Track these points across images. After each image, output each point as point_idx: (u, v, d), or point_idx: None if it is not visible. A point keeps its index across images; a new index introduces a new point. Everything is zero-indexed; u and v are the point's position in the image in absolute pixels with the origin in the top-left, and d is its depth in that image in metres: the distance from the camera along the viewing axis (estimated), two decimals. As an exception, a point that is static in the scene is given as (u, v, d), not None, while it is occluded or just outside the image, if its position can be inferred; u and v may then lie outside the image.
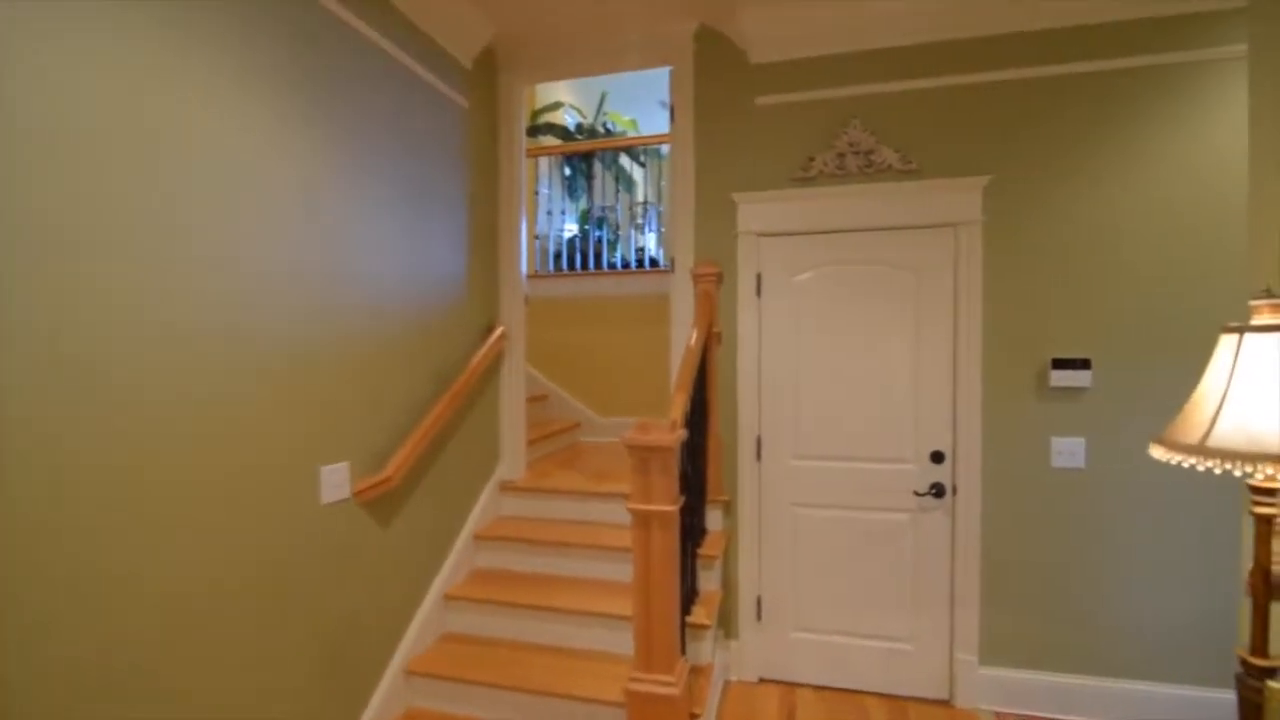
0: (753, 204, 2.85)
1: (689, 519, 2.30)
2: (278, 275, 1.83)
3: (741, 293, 2.87)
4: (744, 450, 2.88)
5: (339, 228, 2.06)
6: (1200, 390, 1.10)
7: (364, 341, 2.18)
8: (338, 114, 2.05)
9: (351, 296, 2.12)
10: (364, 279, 2.18)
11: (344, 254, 2.08)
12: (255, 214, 1.77)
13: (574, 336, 4.57)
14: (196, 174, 1.62)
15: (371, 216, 2.22)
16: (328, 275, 2.00)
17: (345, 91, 2.08)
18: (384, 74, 2.28)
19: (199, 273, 1.61)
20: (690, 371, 2.34)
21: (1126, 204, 2.54)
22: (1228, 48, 2.44)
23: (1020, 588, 2.66)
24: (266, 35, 1.79)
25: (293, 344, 1.88)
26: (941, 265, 2.71)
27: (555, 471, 3.42)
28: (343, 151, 2.07)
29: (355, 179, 2.13)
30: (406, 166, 2.42)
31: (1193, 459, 1.01)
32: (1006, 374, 2.65)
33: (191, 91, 1.60)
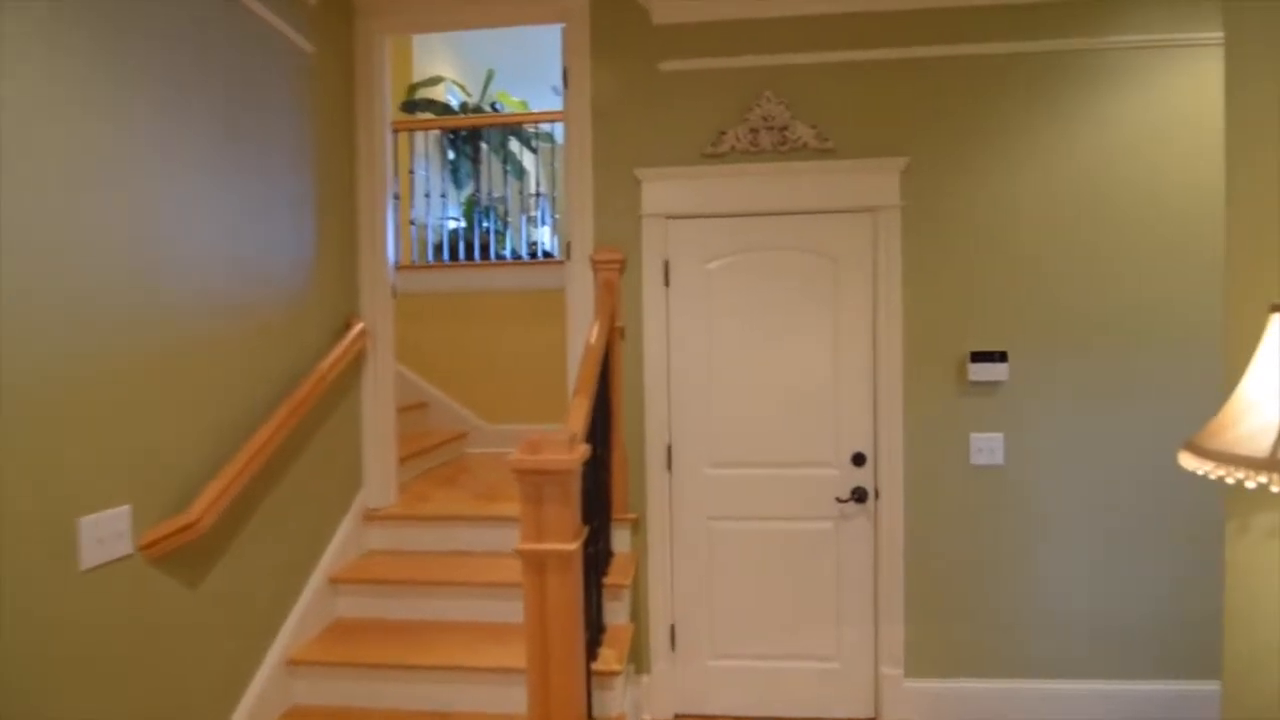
0: (659, 182, 2.52)
1: (593, 547, 1.93)
2: (42, 257, 1.26)
3: (647, 282, 2.54)
4: (653, 460, 2.55)
5: (121, 195, 1.50)
6: (1245, 386, 0.88)
7: (167, 341, 1.62)
8: (127, 45, 1.49)
9: (148, 283, 1.56)
10: (167, 262, 1.62)
11: (134, 229, 1.52)
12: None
13: (459, 335, 4.07)
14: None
15: (179, 179, 1.67)
16: (110, 258, 1.44)
17: (142, 16, 1.52)
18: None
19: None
20: (591, 372, 1.97)
21: (1041, 191, 2.46)
22: (1142, 35, 2.41)
23: (945, 594, 2.52)
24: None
25: (49, 348, 1.32)
26: (860, 253, 2.51)
27: (435, 492, 2.93)
28: (136, 91, 1.51)
29: (157, 131, 1.57)
30: (227, 117, 1.88)
31: (1262, 476, 0.77)
32: (927, 368, 2.50)
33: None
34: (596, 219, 2.56)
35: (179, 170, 1.71)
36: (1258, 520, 1.20)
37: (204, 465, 1.77)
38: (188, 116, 1.74)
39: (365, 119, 2.62)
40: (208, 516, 1.66)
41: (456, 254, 4.33)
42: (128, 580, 1.54)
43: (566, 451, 1.44)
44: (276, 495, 2.09)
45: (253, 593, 1.97)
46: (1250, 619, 1.24)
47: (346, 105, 2.58)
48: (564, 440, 1.45)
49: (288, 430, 2.02)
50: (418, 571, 2.38)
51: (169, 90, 1.67)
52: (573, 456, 1.44)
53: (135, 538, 1.55)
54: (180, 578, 1.69)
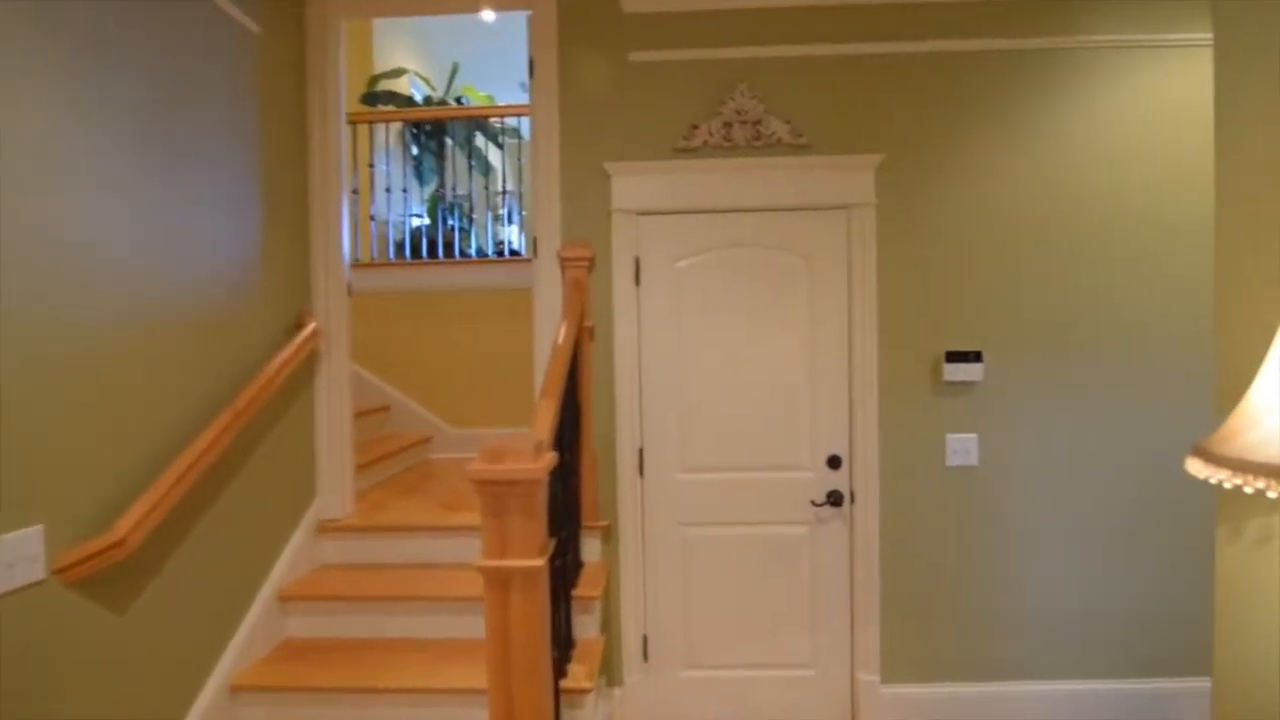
0: (630, 176, 2.43)
1: (561, 559, 1.83)
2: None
3: (618, 280, 2.45)
4: (624, 465, 2.46)
5: (36, 184, 1.35)
6: (1256, 392, 0.82)
7: (89, 342, 1.47)
8: (37, 11, 1.34)
9: (71, 279, 1.41)
10: (89, 257, 1.47)
11: (52, 223, 1.37)
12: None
13: (423, 336, 3.92)
14: None
15: (105, 166, 1.51)
16: (19, 252, 1.29)
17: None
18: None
19: None
20: (559, 374, 1.87)
21: (1015, 190, 2.44)
22: (1113, 35, 2.41)
23: (921, 598, 2.48)
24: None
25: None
26: (835, 251, 2.46)
27: (395, 501, 2.79)
28: (49, 63, 1.36)
29: (78, 114, 1.42)
30: (163, 100, 1.72)
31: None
32: (902, 369, 2.46)
33: None
34: (564, 214, 2.46)
35: (104, 156, 1.56)
36: (1250, 526, 1.16)
37: (134, 479, 1.62)
38: (115, 97, 1.59)
39: (319, 107, 2.47)
40: (136, 535, 1.51)
41: (419, 252, 4.18)
42: (41, 607, 1.38)
43: (531, 460, 1.34)
44: (219, 508, 1.93)
45: (192, 614, 1.82)
46: (1241, 625, 1.20)
47: (298, 92, 2.43)
48: (528, 447, 1.35)
49: (230, 438, 1.87)
50: (375, 586, 2.24)
51: (90, 65, 1.52)
52: (538, 465, 1.34)
53: (50, 561, 1.40)
54: (106, 602, 1.54)
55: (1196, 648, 2.46)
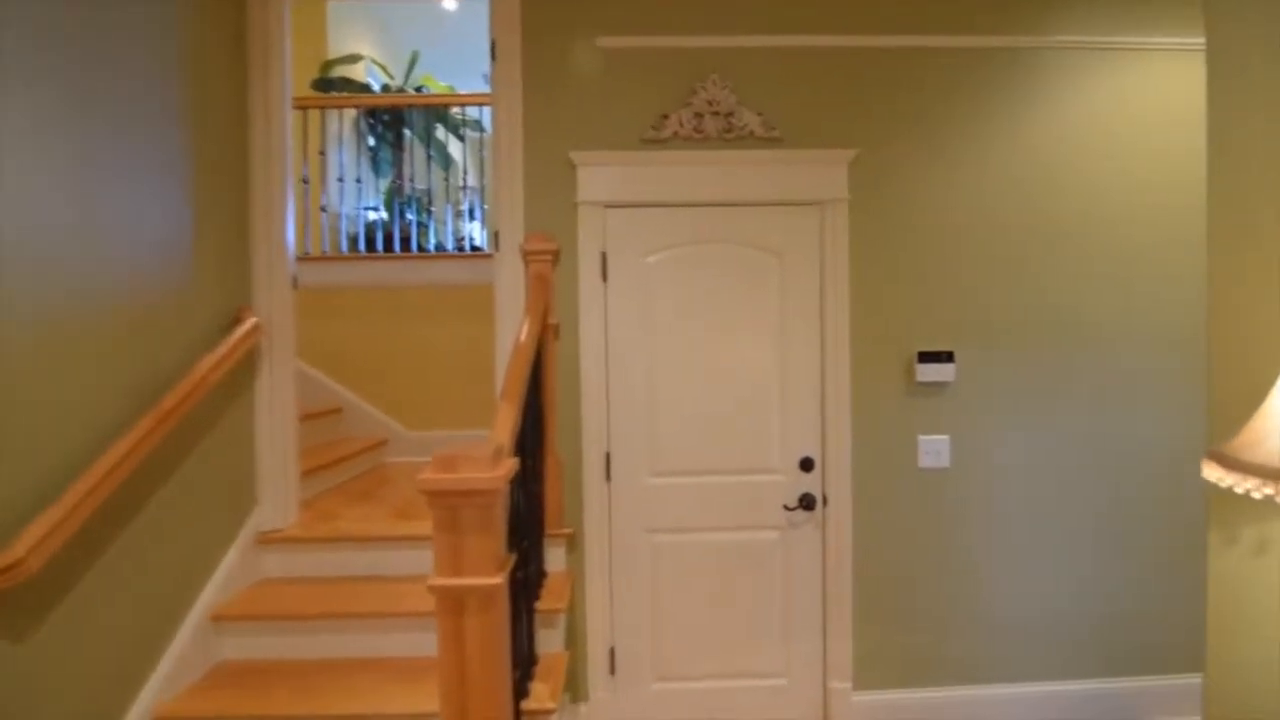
0: (596, 167, 2.32)
1: (523, 571, 1.71)
2: None
3: (584, 276, 2.33)
4: (590, 470, 2.34)
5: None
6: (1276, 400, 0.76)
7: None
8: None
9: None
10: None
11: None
12: None
13: (378, 334, 3.73)
14: None
15: (15, 139, 1.34)
16: None
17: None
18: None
19: None
20: (521, 374, 1.75)
21: (988, 189, 2.41)
22: (1085, 36, 2.41)
23: (893, 602, 2.43)
24: None
25: None
26: (807, 248, 2.39)
27: (346, 510, 2.62)
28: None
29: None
30: (73, 65, 1.54)
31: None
32: (875, 369, 2.41)
33: None
34: (528, 206, 2.34)
35: (7, 127, 1.37)
36: (1246, 534, 1.12)
37: (37, 493, 1.44)
38: (21, 62, 1.41)
39: (261, 88, 2.29)
40: (36, 556, 1.33)
41: (374, 245, 3.98)
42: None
43: (489, 468, 1.22)
44: (141, 522, 1.75)
45: (108, 641, 1.64)
46: (1235, 632, 1.15)
47: (237, 69, 2.25)
48: (486, 454, 1.22)
49: (154, 444, 1.69)
50: (321, 602, 2.08)
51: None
52: (496, 474, 1.22)
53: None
54: (1, 630, 1.36)
55: (1165, 646, 2.47)
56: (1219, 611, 1.16)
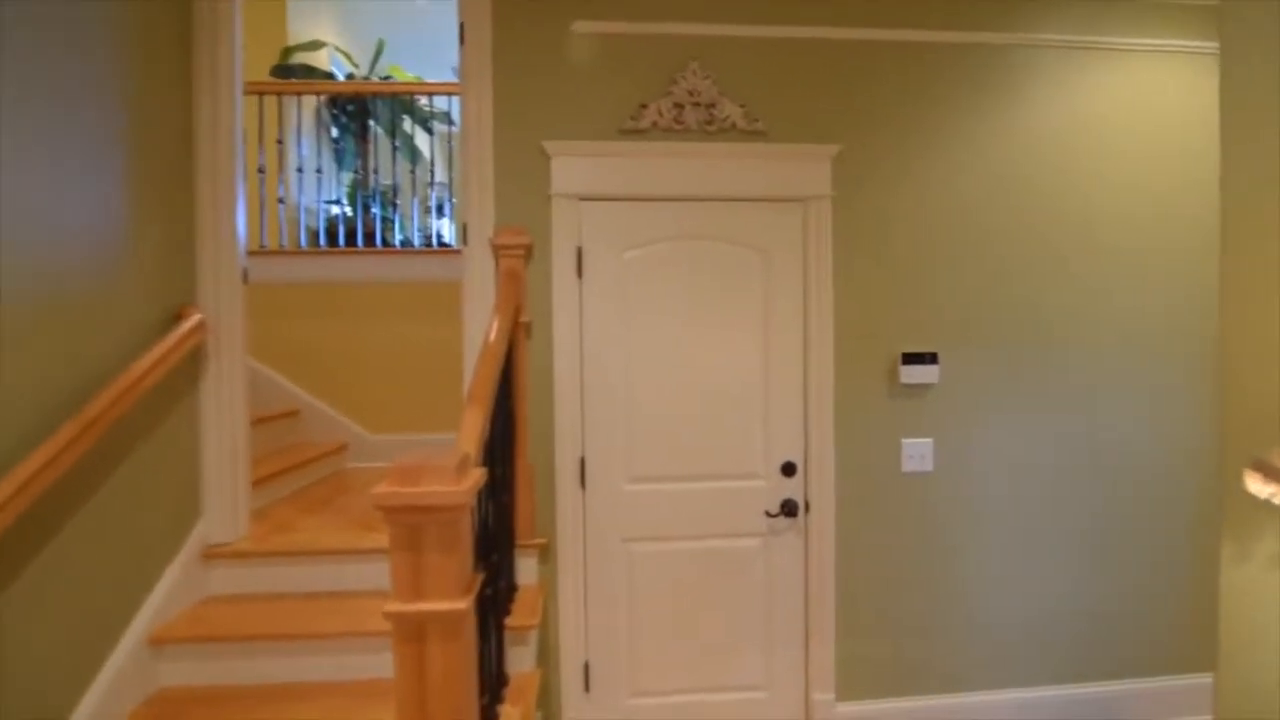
0: (571, 158, 2.21)
1: (493, 587, 1.59)
2: None
3: (558, 272, 2.22)
4: (563, 476, 2.23)
5: None
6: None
7: None
8: None
9: None
10: None
11: None
12: None
13: (341, 333, 3.55)
14: None
15: None
16: None
17: None
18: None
19: None
20: (489, 376, 1.63)
21: (972, 188, 2.37)
22: (1074, 35, 2.38)
23: (876, 610, 2.36)
24: None
25: None
26: (791, 245, 2.31)
27: (302, 520, 2.45)
28: None
29: None
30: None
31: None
32: (858, 370, 2.34)
33: None
34: (498, 198, 2.21)
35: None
36: (1260, 548, 1.05)
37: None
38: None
39: (208, 69, 2.12)
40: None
41: (336, 240, 3.80)
42: None
43: (453, 480, 1.10)
44: (66, 538, 1.58)
45: (28, 671, 1.47)
46: (1250, 650, 1.09)
47: (183, 48, 2.07)
48: (450, 465, 1.10)
49: (79, 453, 1.53)
50: (272, 622, 1.92)
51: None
52: (462, 488, 1.10)
53: None
54: (-111, 670, 1.19)
55: (1149, 649, 2.46)
56: (1232, 627, 1.10)
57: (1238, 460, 1.12)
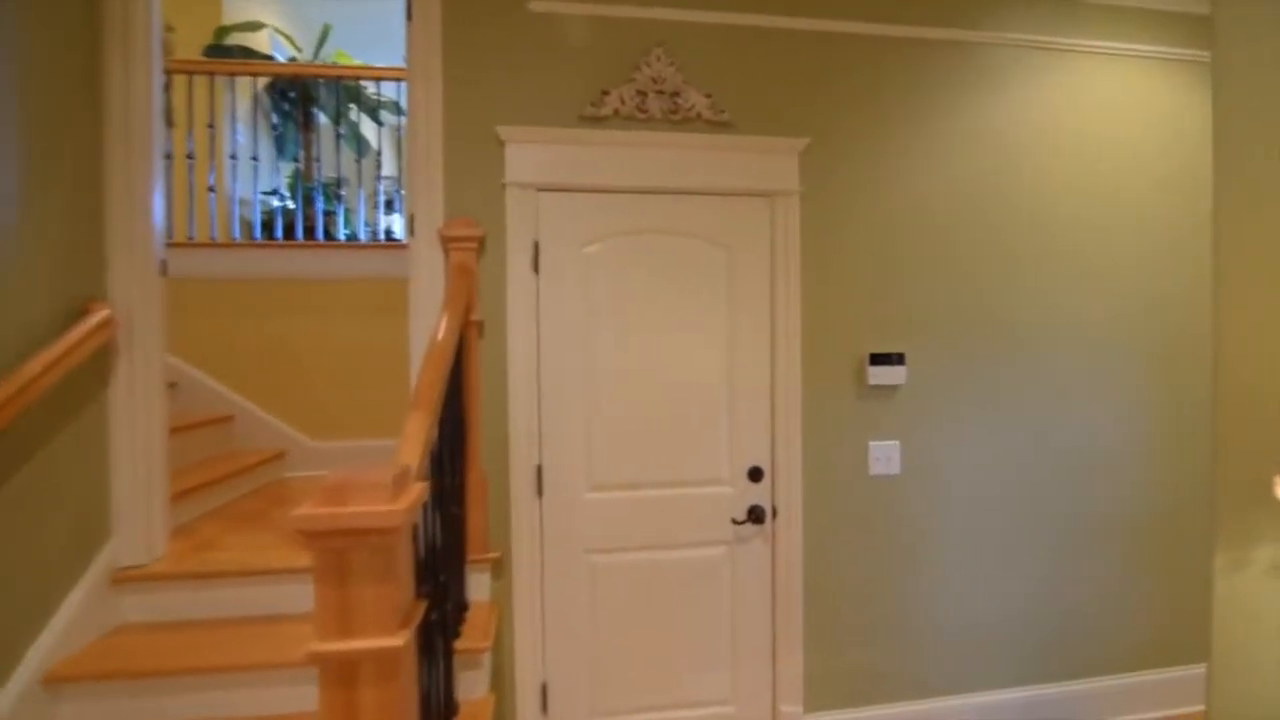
0: (528, 145, 2.07)
1: (440, 610, 1.45)
2: None
3: (513, 266, 2.08)
4: (519, 485, 2.09)
5: None
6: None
7: None
8: None
9: None
10: None
11: None
12: None
13: (280, 332, 3.31)
14: None
15: None
16: None
17: None
18: None
19: None
20: (436, 378, 1.48)
21: (938, 186, 2.33)
22: (1037, 35, 2.37)
23: (845, 618, 2.30)
24: None
25: None
26: (757, 242, 2.23)
27: (231, 537, 2.24)
28: None
29: None
30: None
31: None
32: (826, 371, 2.27)
33: None
34: (448, 187, 2.06)
35: None
36: (1260, 554, 1.00)
37: None
38: None
39: (119, 39, 1.91)
40: None
41: (274, 233, 3.55)
42: None
43: (388, 498, 0.96)
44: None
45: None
46: (1247, 662, 1.04)
47: (88, 13, 1.86)
48: (384, 481, 0.96)
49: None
50: (190, 653, 1.73)
51: None
52: (398, 507, 0.96)
53: None
54: None
55: (1115, 646, 2.48)
56: (1227, 637, 1.05)
57: (1231, 468, 1.07)
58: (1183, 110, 2.48)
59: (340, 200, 3.79)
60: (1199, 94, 2.50)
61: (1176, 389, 2.48)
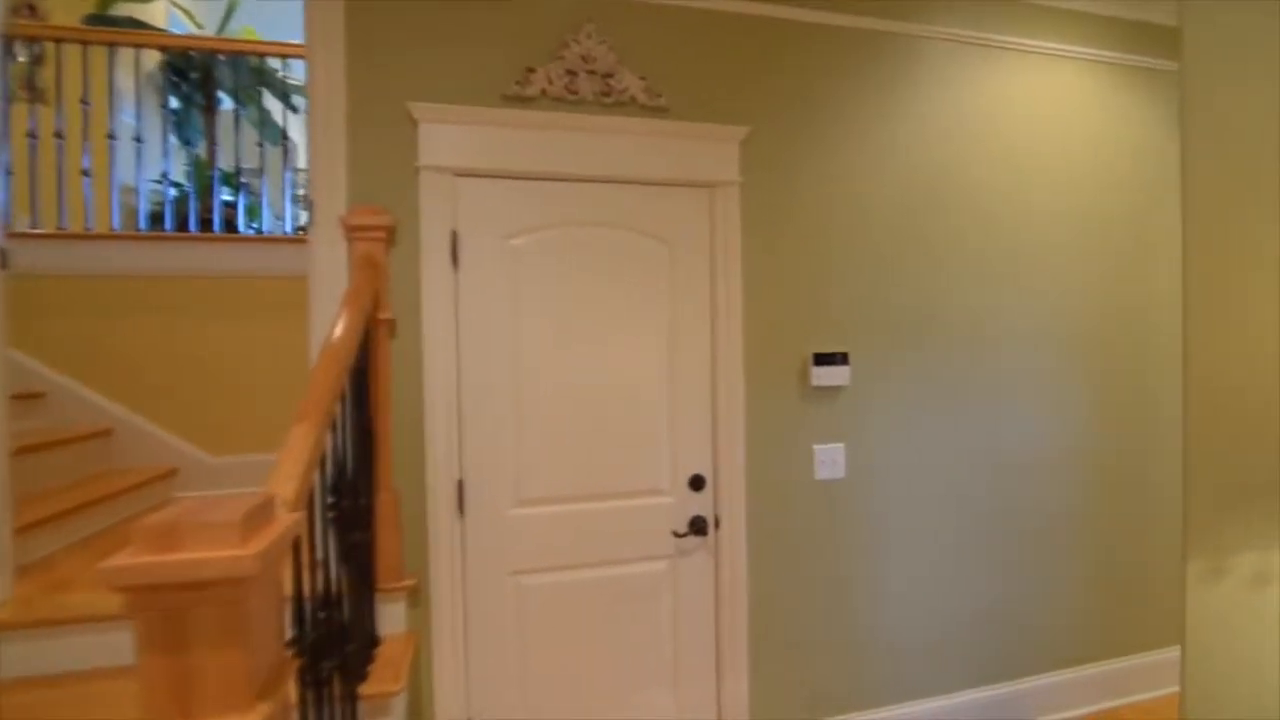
0: (445, 125, 1.87)
1: (339, 655, 1.24)
2: None
3: (429, 260, 1.86)
4: (438, 503, 1.87)
5: None
6: None
7: None
8: None
9: None
10: None
11: None
12: None
13: (169, 335, 2.96)
14: None
15: None
16: None
17: None
18: None
19: None
20: (329, 386, 1.27)
21: (881, 179, 2.26)
22: (977, 32, 2.34)
23: (791, 631, 2.19)
24: None
25: None
26: (697, 235, 2.10)
27: (90, 572, 1.93)
28: None
29: None
30: None
31: None
32: (769, 373, 2.16)
33: None
34: (353, 170, 1.83)
35: None
36: (1240, 563, 0.92)
37: None
38: None
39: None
40: None
41: (163, 224, 3.19)
42: None
43: (236, 541, 0.75)
44: None
45: None
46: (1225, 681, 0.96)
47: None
48: (230, 520, 0.76)
49: None
50: (31, 716, 1.44)
51: None
52: (250, 551, 0.75)
53: None
54: None
55: (1060, 644, 2.48)
56: (1202, 656, 0.97)
57: (1203, 469, 0.99)
58: (1124, 115, 2.52)
59: (244, 190, 3.44)
60: (1142, 98, 2.54)
61: (1113, 388, 2.51)
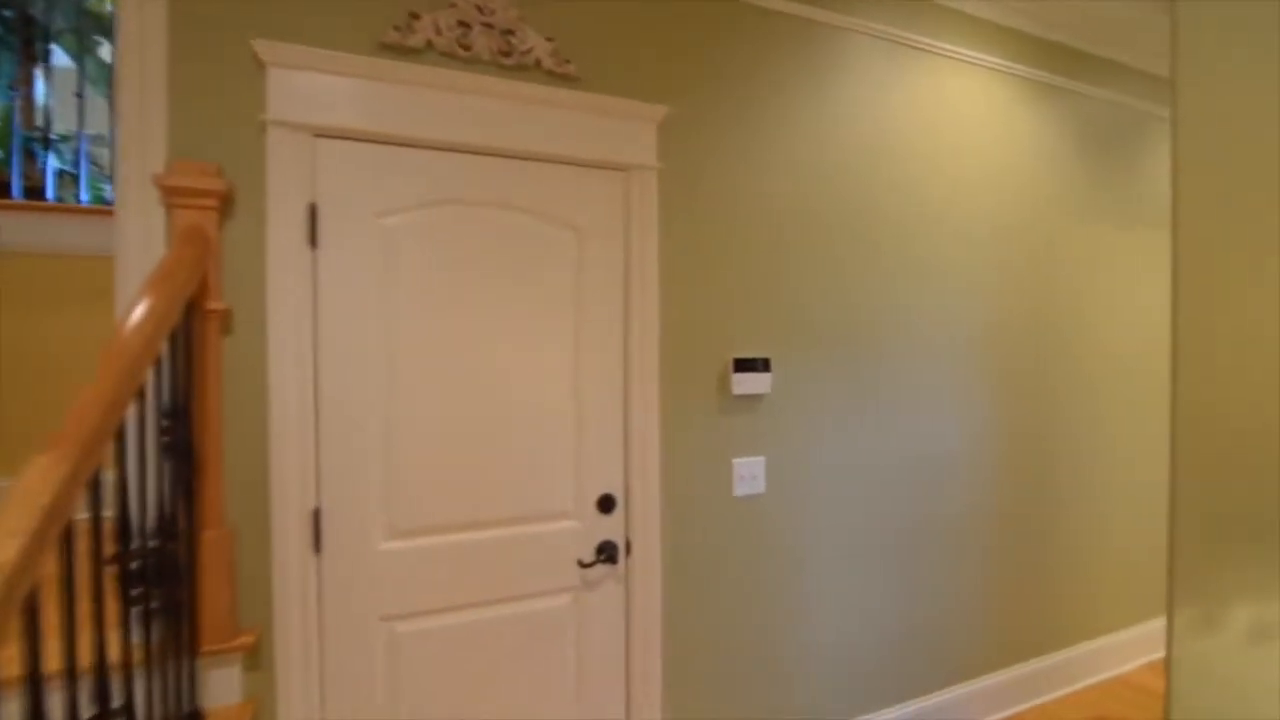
0: (303, 72, 1.51)
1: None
2: None
3: (277, 238, 1.50)
4: (285, 539, 1.51)
5: None
6: None
7: None
8: None
9: None
10: None
11: None
12: None
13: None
14: None
15: None
16: None
17: None
18: None
19: None
20: (104, 398, 0.92)
21: (806, 174, 2.13)
22: (913, 35, 2.27)
23: (710, 660, 2.00)
24: None
25: None
26: (610, 224, 1.86)
27: None
28: None
29: None
30: None
31: None
32: (686, 380, 1.96)
33: None
34: (175, 120, 1.43)
35: None
36: (1233, 615, 0.79)
37: None
38: None
39: None
40: None
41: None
42: None
43: None
44: None
45: None
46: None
47: None
48: None
49: None
50: None
51: None
52: None
53: None
54: None
55: (989, 647, 2.49)
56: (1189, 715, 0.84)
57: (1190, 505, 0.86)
58: (1029, 127, 2.55)
59: (54, 150, 2.83)
60: (1048, 112, 2.60)
61: (1027, 394, 2.55)
